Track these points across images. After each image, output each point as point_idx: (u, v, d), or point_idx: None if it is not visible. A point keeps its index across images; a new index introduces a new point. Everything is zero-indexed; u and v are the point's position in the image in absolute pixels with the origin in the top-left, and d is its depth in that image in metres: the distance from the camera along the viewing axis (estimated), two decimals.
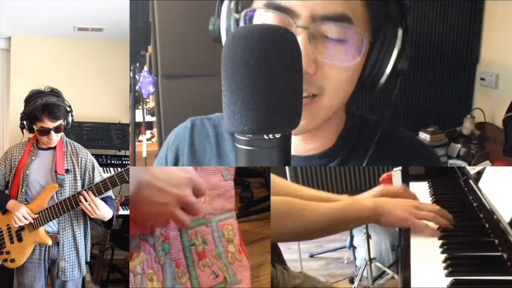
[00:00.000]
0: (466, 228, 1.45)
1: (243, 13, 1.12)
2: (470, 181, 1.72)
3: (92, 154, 2.56)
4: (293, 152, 1.22)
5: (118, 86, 3.82)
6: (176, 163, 1.37)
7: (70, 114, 2.43)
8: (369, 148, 1.20)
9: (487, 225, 1.44)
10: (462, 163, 3.64)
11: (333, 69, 1.05)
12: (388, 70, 1.10)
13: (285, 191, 1.53)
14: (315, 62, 1.03)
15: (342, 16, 1.02)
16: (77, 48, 3.81)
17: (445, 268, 1.20)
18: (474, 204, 1.60)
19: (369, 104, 3.46)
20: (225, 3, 1.16)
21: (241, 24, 1.13)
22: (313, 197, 1.52)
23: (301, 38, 1.01)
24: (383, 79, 1.12)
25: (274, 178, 1.55)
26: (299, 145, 1.26)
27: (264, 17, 1.07)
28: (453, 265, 1.20)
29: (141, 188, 1.00)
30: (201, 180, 1.06)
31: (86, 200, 2.26)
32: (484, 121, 3.80)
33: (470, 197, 1.64)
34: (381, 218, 1.37)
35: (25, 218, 2.32)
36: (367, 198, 1.42)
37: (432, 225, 1.42)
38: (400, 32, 1.09)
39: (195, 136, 1.38)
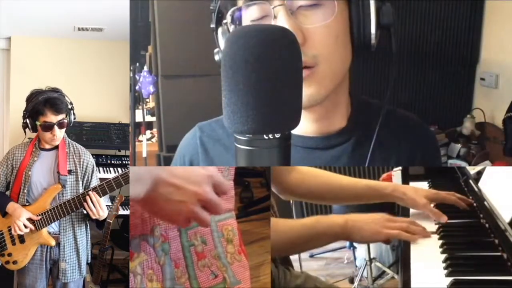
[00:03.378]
0: (466, 228, 1.45)
1: (229, 14, 1.16)
2: (470, 181, 1.72)
3: (92, 154, 2.56)
4: (307, 134, 1.26)
5: (118, 86, 3.81)
6: None
7: (72, 111, 2.43)
8: (375, 130, 1.22)
9: (487, 225, 1.44)
10: (462, 163, 3.63)
11: (318, 32, 1.11)
12: (373, 25, 1.14)
13: (326, 181, 1.57)
14: (301, 31, 1.10)
15: None
16: (77, 48, 3.80)
17: (445, 268, 1.20)
18: (474, 204, 1.59)
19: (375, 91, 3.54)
20: (220, 29, 1.22)
21: (232, 27, 1.18)
22: (356, 185, 1.56)
23: (281, 15, 1.09)
24: (373, 37, 1.15)
25: (316, 171, 1.58)
26: (311, 129, 1.27)
27: (249, 12, 1.15)
28: (453, 265, 1.20)
29: (158, 185, 0.97)
30: (222, 178, 1.03)
31: (92, 202, 2.25)
32: (484, 121, 3.80)
33: (470, 197, 1.63)
34: (352, 235, 1.34)
35: (25, 226, 2.31)
36: (337, 216, 1.38)
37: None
38: None
39: (207, 142, 1.37)
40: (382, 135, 1.22)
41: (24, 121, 2.40)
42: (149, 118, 5.11)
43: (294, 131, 0.78)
